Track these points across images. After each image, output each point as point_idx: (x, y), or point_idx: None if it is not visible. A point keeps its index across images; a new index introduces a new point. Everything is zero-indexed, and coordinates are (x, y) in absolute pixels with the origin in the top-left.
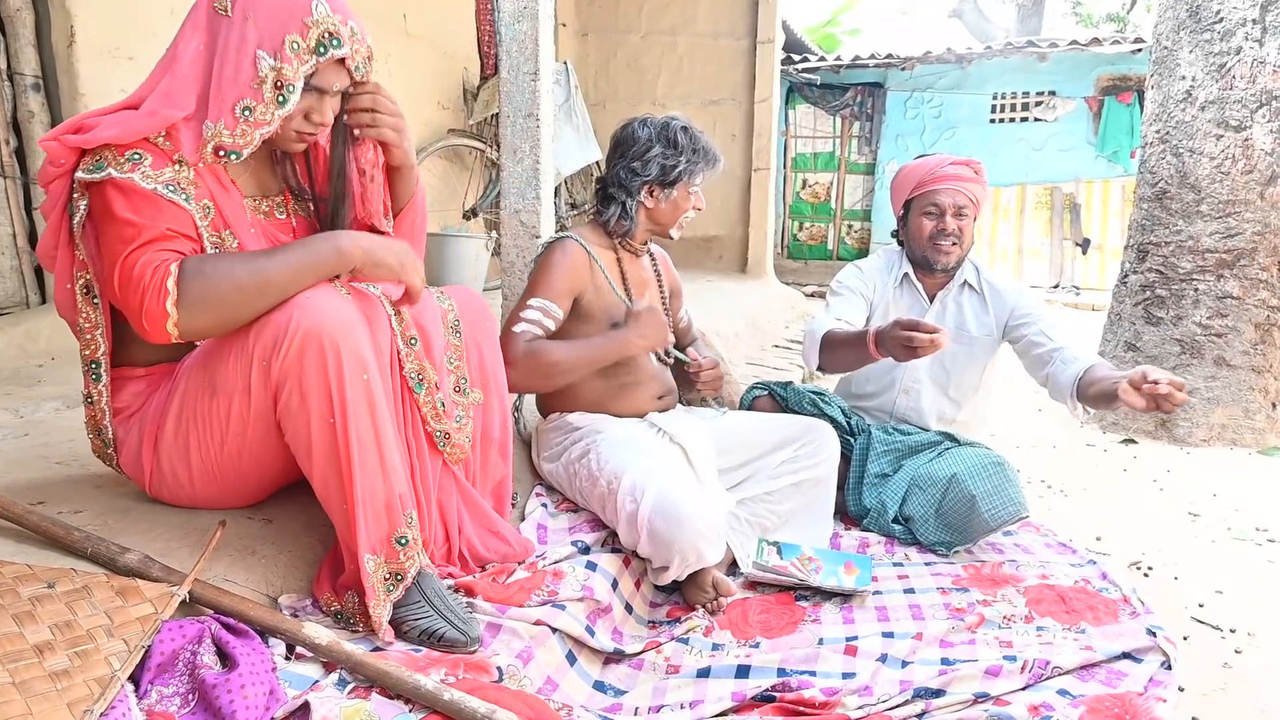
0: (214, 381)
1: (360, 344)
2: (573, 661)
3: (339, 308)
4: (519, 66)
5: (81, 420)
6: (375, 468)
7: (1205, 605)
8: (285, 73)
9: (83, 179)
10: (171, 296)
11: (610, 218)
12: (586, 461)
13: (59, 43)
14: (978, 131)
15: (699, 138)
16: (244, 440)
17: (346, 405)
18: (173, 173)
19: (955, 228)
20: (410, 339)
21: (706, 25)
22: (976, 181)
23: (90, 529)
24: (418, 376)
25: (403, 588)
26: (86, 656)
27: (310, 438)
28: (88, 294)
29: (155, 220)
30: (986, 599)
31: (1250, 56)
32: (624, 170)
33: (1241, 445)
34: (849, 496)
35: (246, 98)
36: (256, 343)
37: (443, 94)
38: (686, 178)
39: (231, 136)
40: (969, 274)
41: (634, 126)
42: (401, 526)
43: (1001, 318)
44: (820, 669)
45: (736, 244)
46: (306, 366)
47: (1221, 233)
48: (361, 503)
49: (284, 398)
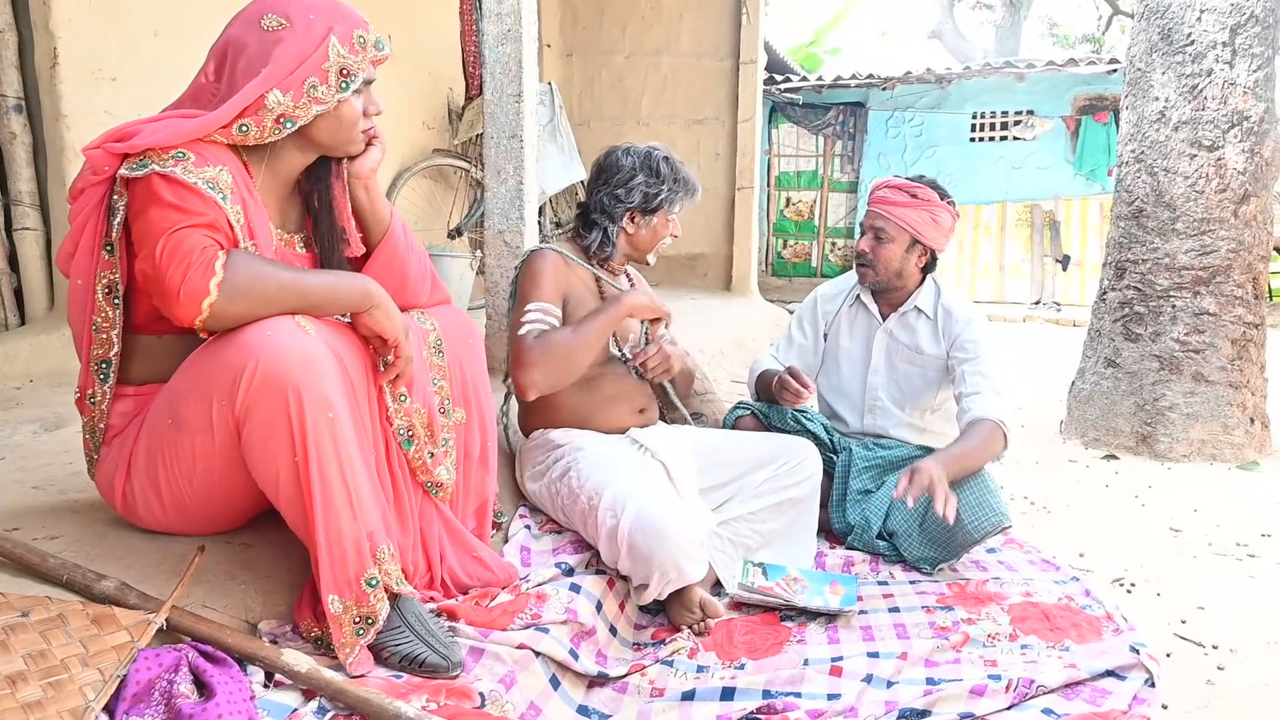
0: (178, 418)
1: (323, 382)
2: (556, 685)
3: (300, 345)
4: (503, 88)
5: (60, 444)
6: (344, 506)
7: (1188, 621)
8: (351, 63)
9: (125, 176)
10: (217, 277)
11: (591, 243)
12: (568, 479)
13: (42, 64)
14: (958, 150)
15: (680, 168)
16: (212, 475)
17: (309, 445)
18: (214, 173)
19: (868, 249)
20: (400, 395)
21: (690, 46)
22: (908, 205)
23: (66, 555)
24: (407, 433)
25: (374, 632)
26: (60, 687)
27: (277, 476)
28: (109, 294)
29: (200, 209)
30: (971, 617)
31: (1221, 78)
32: (607, 196)
33: (1221, 460)
34: (832, 514)
35: (313, 76)
36: (216, 383)
37: (428, 114)
38: (667, 206)
39: (295, 107)
40: (925, 297)
41: (618, 154)
42: (370, 567)
43: (946, 343)
44: (805, 690)
45: (721, 262)
46: (267, 407)
47: (1197, 250)
48: (326, 544)
49: (246, 437)
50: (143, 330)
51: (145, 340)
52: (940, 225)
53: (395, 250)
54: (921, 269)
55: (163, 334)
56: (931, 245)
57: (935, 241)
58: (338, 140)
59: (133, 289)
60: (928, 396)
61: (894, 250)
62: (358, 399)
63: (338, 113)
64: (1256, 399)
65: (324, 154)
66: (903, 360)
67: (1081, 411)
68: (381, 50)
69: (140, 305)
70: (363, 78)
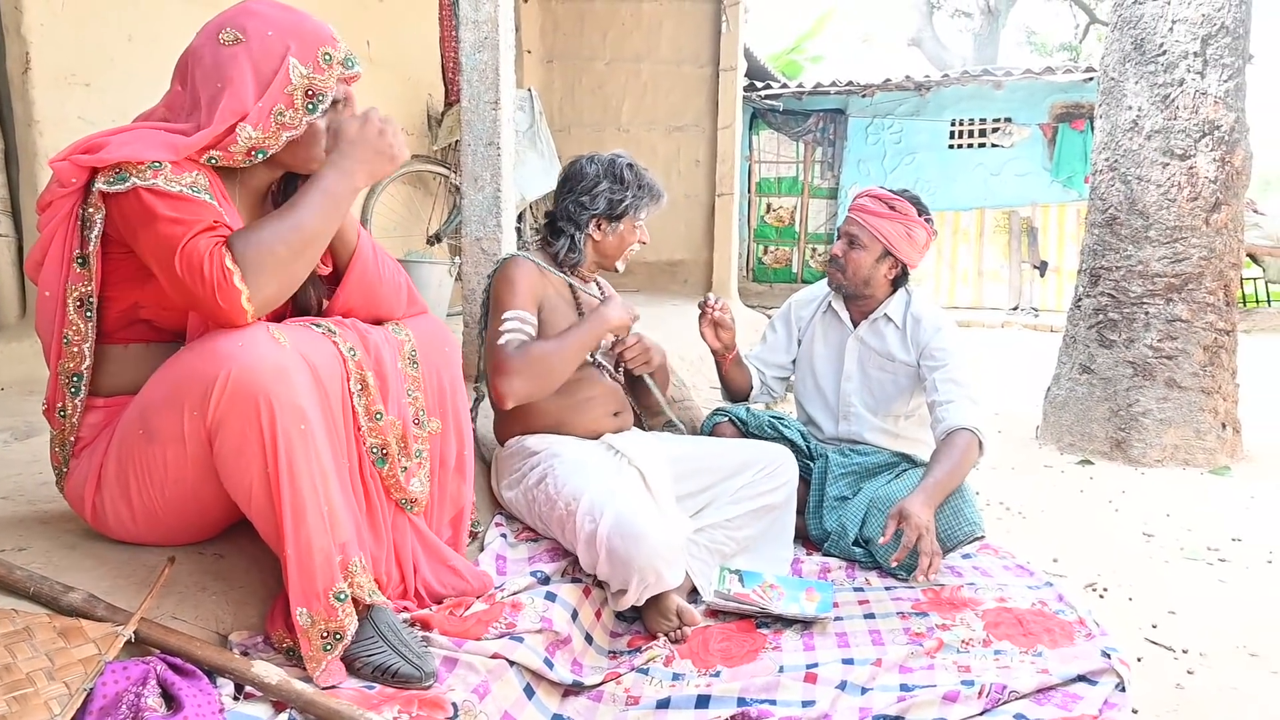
0: (150, 428)
1: (296, 392)
2: (531, 695)
3: (272, 356)
4: (480, 95)
5: (30, 454)
6: (316, 518)
7: (1158, 626)
8: (317, 83)
9: (104, 190)
10: (236, 274)
11: (559, 250)
12: (545, 486)
13: (14, 70)
14: (937, 157)
15: (644, 175)
16: (184, 485)
17: (280, 456)
18: (192, 178)
19: (840, 253)
20: (376, 414)
21: (670, 52)
22: (885, 217)
23: (34, 566)
24: (381, 451)
25: (341, 647)
26: (25, 701)
27: (249, 487)
28: (81, 307)
29: (197, 214)
30: (945, 623)
31: (1193, 88)
32: (573, 204)
33: (1194, 465)
34: (809, 520)
35: (279, 104)
36: (188, 394)
37: (407, 120)
38: (632, 212)
39: (265, 138)
40: (895, 305)
41: (581, 163)
42: (339, 581)
43: (916, 351)
44: (780, 698)
45: (701, 268)
46: (239, 418)
47: (1170, 257)
48: (295, 556)
49: (218, 448)
50: (112, 339)
51: (114, 350)
52: (914, 241)
53: (365, 270)
54: (891, 281)
55: (129, 343)
56: (904, 259)
57: (908, 256)
58: (300, 160)
59: (103, 299)
60: (900, 403)
61: (864, 258)
62: (331, 410)
63: (306, 135)
64: (1228, 404)
65: (287, 169)
66: (874, 367)
67: (1057, 417)
68: (351, 68)
69: (109, 313)
70: (331, 97)
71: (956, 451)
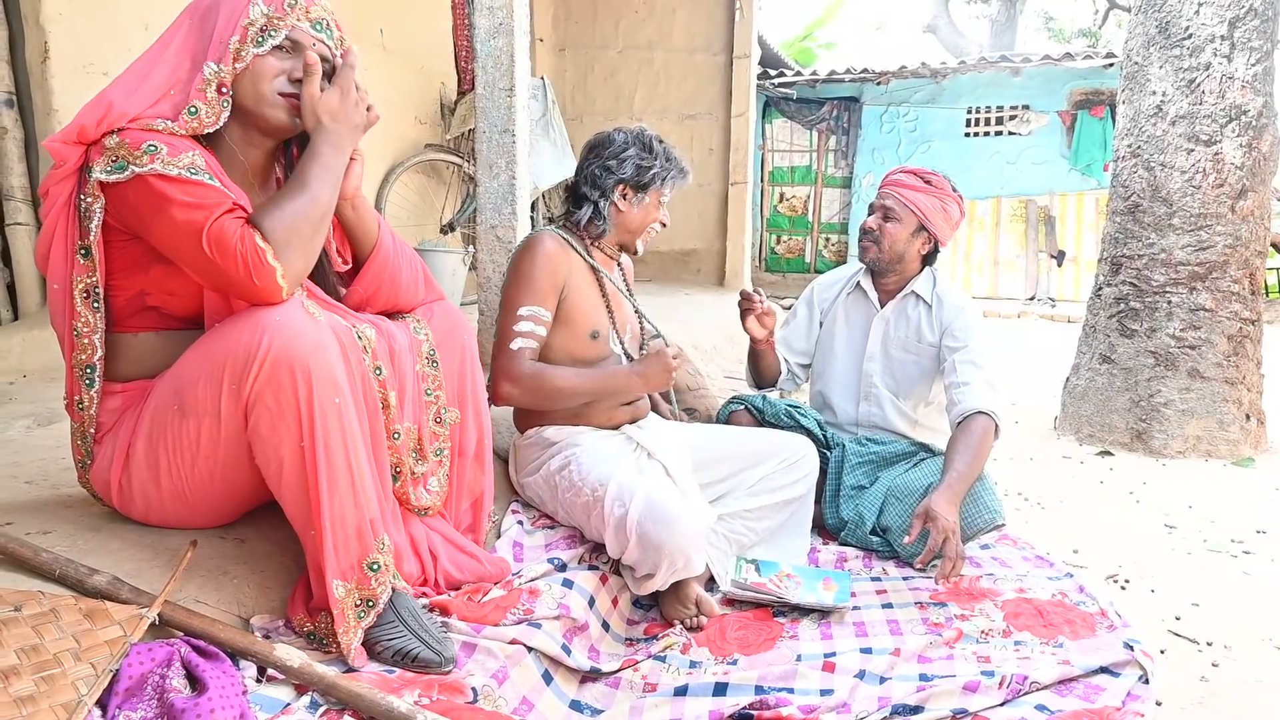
0: (184, 403)
1: (333, 366)
2: (549, 681)
3: (310, 330)
4: (495, 83)
5: (53, 439)
6: (347, 491)
7: (1182, 618)
8: (274, 20)
9: (102, 180)
10: (269, 252)
11: (583, 218)
12: (568, 473)
13: (33, 59)
14: (953, 145)
15: (671, 149)
16: (214, 462)
17: (316, 429)
18: (189, 159)
19: (875, 225)
20: (394, 433)
21: (683, 40)
22: (921, 191)
23: (59, 550)
24: (394, 469)
25: (374, 614)
26: (53, 681)
27: (281, 461)
28: (87, 298)
29: (210, 196)
30: (964, 613)
31: (1219, 72)
32: (599, 168)
33: (1216, 457)
34: (826, 509)
35: (234, 35)
36: (227, 366)
37: (420, 109)
38: (659, 183)
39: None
40: (922, 284)
41: (609, 132)
42: (373, 551)
43: (938, 332)
44: (798, 686)
45: (714, 257)
46: (277, 390)
47: (1193, 245)
48: (330, 528)
49: (254, 421)
50: (123, 327)
51: (125, 339)
52: (949, 215)
53: (385, 261)
54: (923, 257)
55: (140, 331)
56: (936, 234)
57: (941, 231)
58: (250, 99)
59: (109, 288)
60: (922, 387)
61: (900, 231)
62: (357, 386)
63: (252, 69)
64: (1252, 395)
65: (256, 128)
66: (898, 348)
67: (1076, 407)
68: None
69: (117, 302)
70: (285, 35)
71: (974, 439)
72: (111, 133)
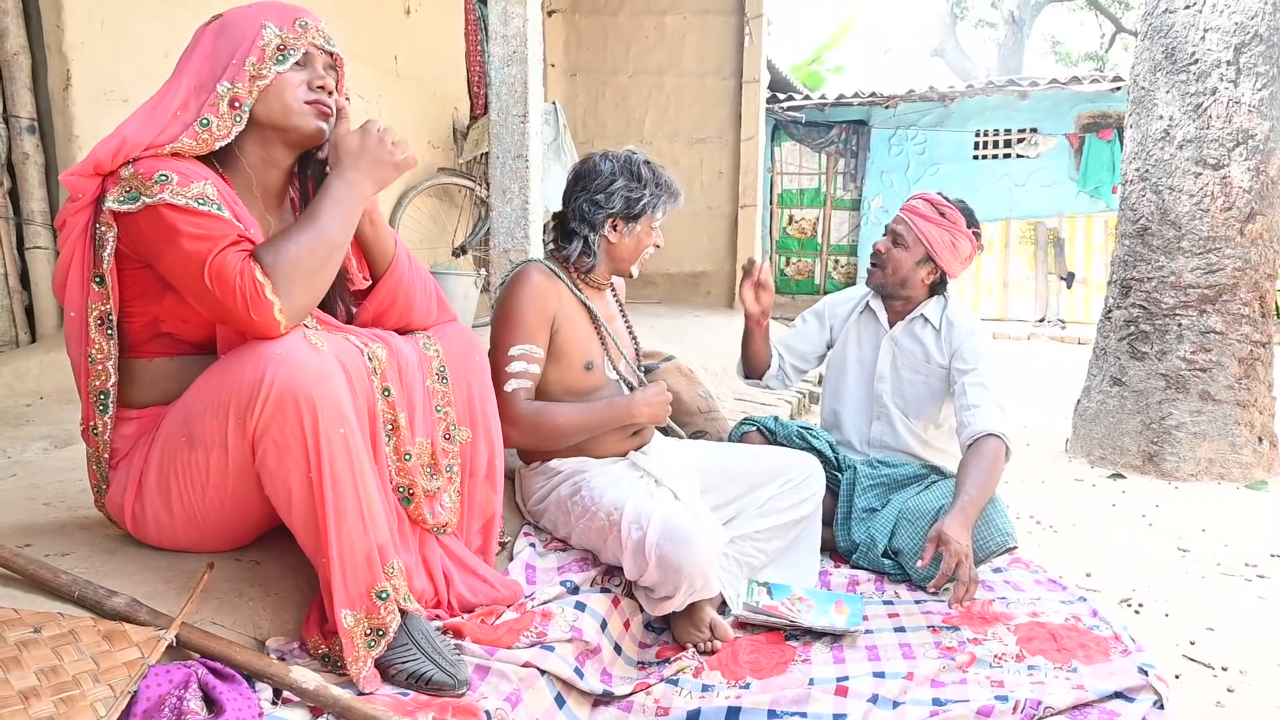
0: (192, 434)
1: (338, 396)
2: (561, 704)
3: (313, 360)
4: (508, 109)
5: (70, 461)
6: (355, 520)
7: (1196, 643)
8: (289, 40)
9: (115, 209)
10: (268, 286)
11: (572, 253)
12: (579, 499)
13: (55, 86)
14: (961, 168)
15: (660, 172)
16: (225, 491)
17: (323, 460)
18: (199, 189)
19: (883, 249)
20: (405, 454)
21: (693, 65)
22: (933, 222)
23: (77, 571)
24: (407, 491)
25: (384, 644)
26: (72, 703)
27: (290, 492)
28: (101, 325)
29: (218, 228)
30: (977, 637)
31: (1226, 97)
32: (587, 203)
33: (1229, 480)
34: (837, 532)
35: (251, 56)
36: (232, 399)
37: (433, 133)
38: (650, 211)
39: (234, 87)
40: (932, 308)
41: (595, 160)
42: (381, 580)
43: (948, 354)
44: (811, 710)
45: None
46: (283, 423)
47: (1203, 268)
48: (339, 557)
49: (261, 454)
50: (138, 353)
51: (140, 364)
52: (958, 250)
53: (400, 277)
54: (929, 286)
55: (154, 357)
56: (944, 266)
57: (949, 264)
58: (279, 114)
59: (124, 314)
60: (932, 408)
61: (906, 259)
62: (364, 414)
63: (276, 86)
64: (1264, 418)
65: (282, 143)
66: (908, 369)
67: (1087, 430)
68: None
69: (131, 328)
70: (303, 51)
71: (986, 462)
72: (127, 163)
